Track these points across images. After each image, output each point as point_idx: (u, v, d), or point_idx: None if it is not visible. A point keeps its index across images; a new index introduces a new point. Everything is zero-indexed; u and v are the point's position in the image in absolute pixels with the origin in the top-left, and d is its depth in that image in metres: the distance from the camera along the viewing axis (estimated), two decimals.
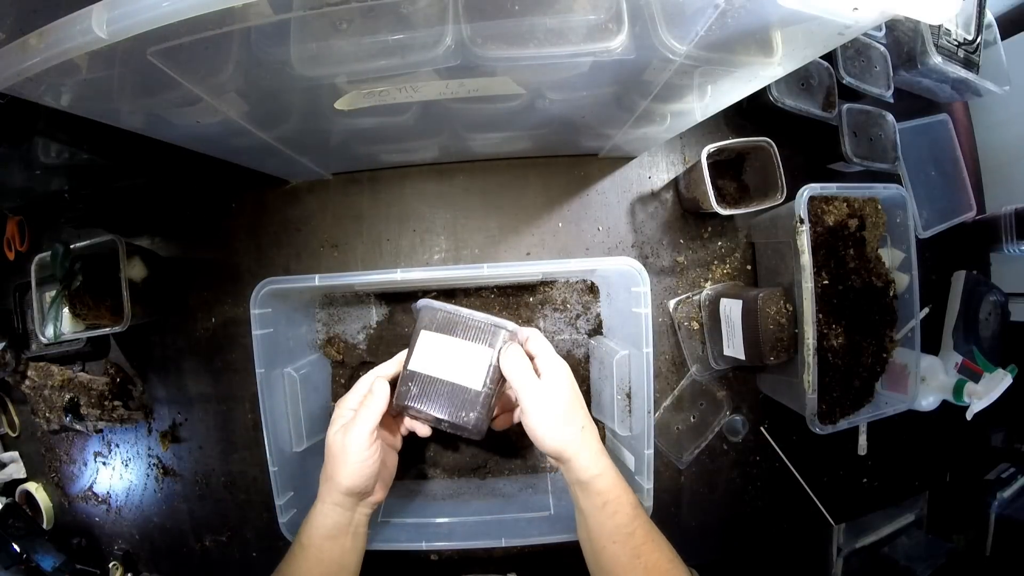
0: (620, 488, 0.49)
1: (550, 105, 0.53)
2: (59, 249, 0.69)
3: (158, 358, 0.77)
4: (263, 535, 0.75)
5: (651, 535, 0.49)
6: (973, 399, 0.70)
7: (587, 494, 0.48)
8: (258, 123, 0.50)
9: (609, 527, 0.48)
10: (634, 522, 0.48)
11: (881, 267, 0.71)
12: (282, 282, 0.57)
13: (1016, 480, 0.84)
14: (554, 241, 0.75)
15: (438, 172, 0.75)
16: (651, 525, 0.50)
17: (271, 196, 0.75)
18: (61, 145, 0.64)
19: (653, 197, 0.76)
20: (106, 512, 0.79)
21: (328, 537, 0.49)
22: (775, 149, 0.68)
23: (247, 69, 0.39)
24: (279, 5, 0.31)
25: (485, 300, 0.71)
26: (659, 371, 0.75)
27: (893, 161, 0.79)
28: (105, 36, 0.29)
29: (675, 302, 0.75)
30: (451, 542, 0.61)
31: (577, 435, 0.48)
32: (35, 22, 0.31)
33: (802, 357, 0.63)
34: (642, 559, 0.47)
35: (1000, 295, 0.86)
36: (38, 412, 0.74)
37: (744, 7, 0.33)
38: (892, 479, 0.84)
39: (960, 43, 0.82)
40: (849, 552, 0.79)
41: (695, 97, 0.51)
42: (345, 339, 0.72)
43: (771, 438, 0.77)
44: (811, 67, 0.74)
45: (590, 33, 0.38)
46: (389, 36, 0.37)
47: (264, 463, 0.58)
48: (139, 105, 0.43)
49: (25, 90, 0.36)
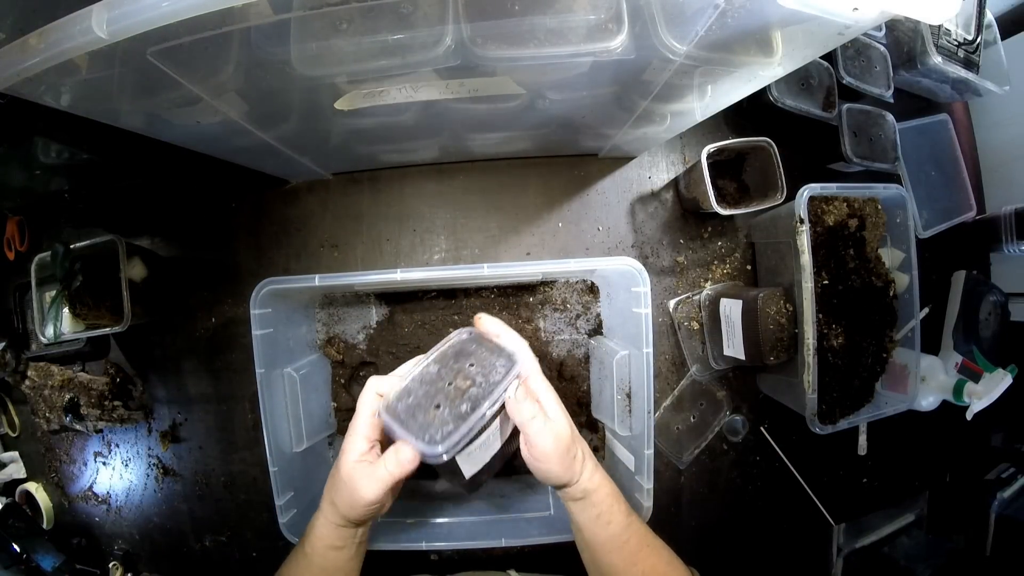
0: (612, 498, 0.49)
1: (550, 105, 0.53)
2: (59, 249, 0.69)
3: (158, 358, 0.77)
4: (263, 535, 0.75)
5: (646, 540, 0.50)
6: (973, 399, 0.70)
7: (581, 507, 0.49)
8: (258, 123, 0.50)
9: (603, 537, 0.49)
10: (628, 530, 0.49)
11: (881, 267, 0.71)
12: (282, 282, 0.57)
13: (1016, 480, 0.84)
14: (554, 241, 0.75)
15: (438, 172, 0.75)
16: (646, 530, 0.51)
17: (271, 196, 0.75)
18: (61, 145, 0.64)
19: (653, 197, 0.76)
20: (106, 512, 0.79)
21: (332, 547, 0.49)
22: (775, 149, 0.68)
23: (247, 69, 0.39)
24: (279, 5, 0.31)
25: (485, 300, 0.71)
26: (659, 371, 0.75)
27: (893, 161, 0.79)
28: (105, 36, 0.29)
29: (675, 302, 0.75)
30: (451, 542, 0.61)
31: (576, 465, 0.48)
32: (35, 22, 0.31)
33: (802, 357, 0.63)
34: (639, 566, 0.48)
35: (1000, 295, 0.86)
36: (38, 412, 0.74)
37: (744, 7, 0.33)
38: (892, 479, 0.84)
39: (960, 43, 0.82)
40: (849, 552, 0.79)
41: (695, 97, 0.51)
42: (345, 339, 0.72)
43: (771, 438, 0.77)
44: (811, 67, 0.74)
45: (590, 33, 0.38)
46: (389, 36, 0.37)
47: (264, 463, 0.58)
48: (139, 105, 0.43)
49: (25, 90, 0.36)
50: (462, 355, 0.47)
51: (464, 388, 0.44)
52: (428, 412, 0.44)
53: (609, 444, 0.70)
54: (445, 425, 0.42)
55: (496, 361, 0.46)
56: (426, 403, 0.44)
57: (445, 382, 0.45)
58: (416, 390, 0.45)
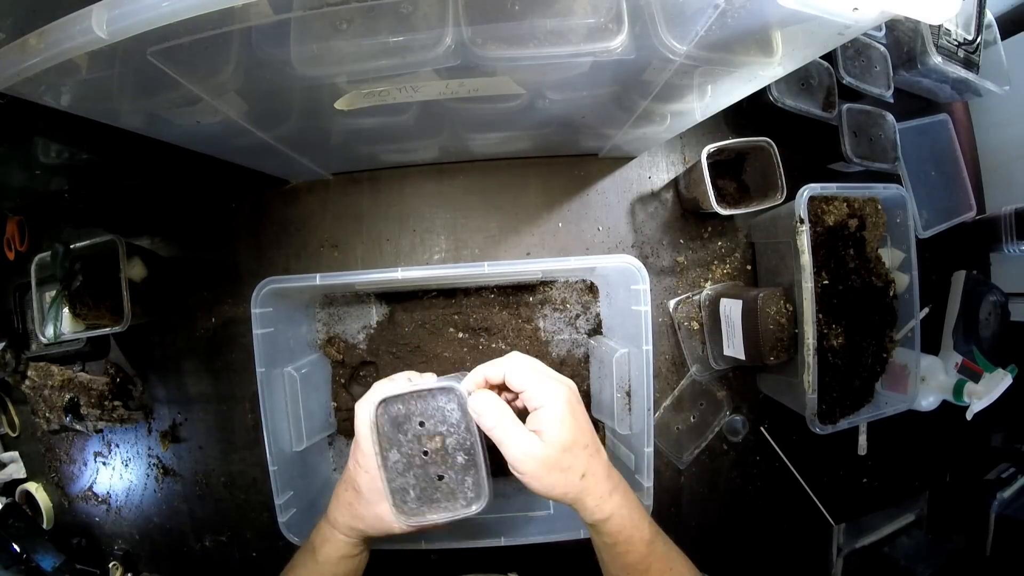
0: (631, 527, 0.45)
1: (550, 105, 0.53)
2: (59, 249, 0.69)
3: (158, 358, 0.77)
4: (263, 535, 0.75)
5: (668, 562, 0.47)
6: (973, 399, 0.70)
7: (596, 533, 0.46)
8: (258, 123, 0.50)
9: (620, 564, 0.46)
10: (648, 558, 0.45)
11: (881, 267, 0.71)
12: (283, 281, 0.57)
13: (1016, 480, 0.84)
14: (554, 241, 0.75)
15: (438, 172, 0.75)
16: (667, 553, 0.47)
17: (271, 196, 0.75)
18: (61, 145, 0.64)
19: (653, 197, 0.76)
20: (106, 512, 0.79)
21: (346, 556, 0.49)
22: (775, 149, 0.68)
23: (247, 69, 0.39)
24: (279, 5, 0.31)
25: (485, 300, 0.71)
26: (659, 371, 0.75)
27: (893, 161, 0.79)
28: (105, 36, 0.29)
29: (675, 302, 0.75)
30: (451, 541, 0.61)
31: (575, 483, 0.42)
32: (35, 22, 0.31)
33: (802, 357, 0.63)
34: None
35: (1000, 295, 0.86)
36: (38, 412, 0.74)
37: (744, 7, 0.33)
38: (892, 479, 0.84)
39: (960, 43, 0.82)
40: (849, 552, 0.79)
41: (695, 97, 0.51)
42: (345, 339, 0.72)
43: (771, 438, 0.77)
44: (811, 67, 0.74)
45: (590, 33, 0.38)
46: (389, 36, 0.37)
47: (264, 463, 0.58)
48: (139, 105, 0.43)
49: (25, 90, 0.36)
50: (401, 423, 0.43)
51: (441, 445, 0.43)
52: (439, 487, 0.43)
53: (609, 443, 0.70)
54: (464, 483, 0.43)
55: (436, 403, 0.43)
56: (428, 484, 0.43)
57: (417, 455, 0.43)
58: (406, 483, 0.43)
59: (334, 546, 0.48)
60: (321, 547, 0.49)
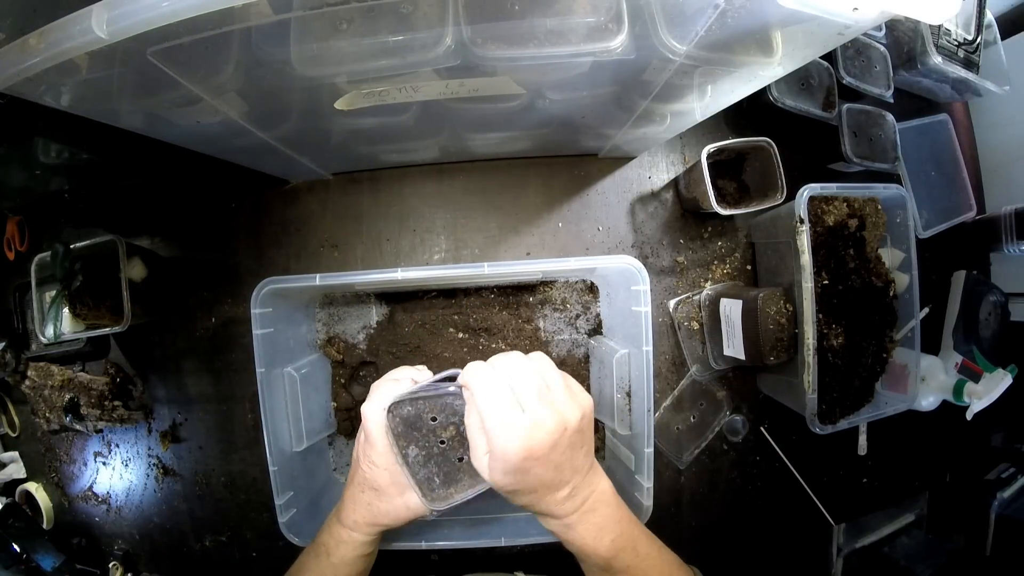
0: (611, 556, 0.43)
1: (550, 105, 0.53)
2: (59, 249, 0.69)
3: (158, 358, 0.77)
4: (263, 535, 0.75)
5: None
6: (973, 399, 0.70)
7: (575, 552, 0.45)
8: (258, 123, 0.50)
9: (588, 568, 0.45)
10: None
11: (881, 267, 0.71)
12: (283, 281, 0.57)
13: (1016, 480, 0.84)
14: (554, 241, 0.75)
15: (438, 172, 0.75)
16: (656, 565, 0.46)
17: (271, 196, 0.75)
18: (61, 145, 0.64)
19: (653, 197, 0.76)
20: (106, 512, 0.79)
21: (362, 555, 0.50)
22: (775, 149, 0.68)
23: (247, 69, 0.39)
24: (279, 5, 0.31)
25: (485, 300, 0.71)
26: (659, 371, 0.75)
27: (893, 161, 0.79)
28: (105, 36, 0.29)
29: (675, 302, 0.75)
30: (451, 541, 0.61)
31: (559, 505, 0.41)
32: (35, 22, 0.31)
33: (802, 357, 0.63)
34: None
35: (1000, 295, 0.86)
36: (38, 412, 0.74)
37: (744, 7, 0.33)
38: (892, 479, 0.84)
39: (960, 43, 0.82)
40: (849, 552, 0.79)
41: (695, 97, 0.51)
42: (345, 339, 0.72)
43: (771, 438, 0.77)
44: (811, 67, 0.74)
45: (590, 33, 0.38)
46: (389, 36, 0.37)
47: (264, 463, 0.58)
48: (139, 105, 0.43)
49: (25, 90, 0.36)
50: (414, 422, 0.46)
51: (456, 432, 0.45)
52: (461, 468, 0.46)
53: (609, 444, 0.70)
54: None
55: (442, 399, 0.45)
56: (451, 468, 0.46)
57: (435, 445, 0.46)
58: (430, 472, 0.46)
59: (351, 547, 0.49)
60: (336, 550, 0.49)
